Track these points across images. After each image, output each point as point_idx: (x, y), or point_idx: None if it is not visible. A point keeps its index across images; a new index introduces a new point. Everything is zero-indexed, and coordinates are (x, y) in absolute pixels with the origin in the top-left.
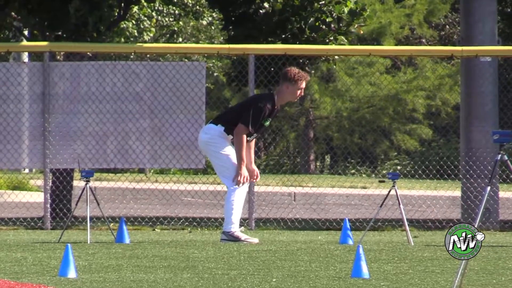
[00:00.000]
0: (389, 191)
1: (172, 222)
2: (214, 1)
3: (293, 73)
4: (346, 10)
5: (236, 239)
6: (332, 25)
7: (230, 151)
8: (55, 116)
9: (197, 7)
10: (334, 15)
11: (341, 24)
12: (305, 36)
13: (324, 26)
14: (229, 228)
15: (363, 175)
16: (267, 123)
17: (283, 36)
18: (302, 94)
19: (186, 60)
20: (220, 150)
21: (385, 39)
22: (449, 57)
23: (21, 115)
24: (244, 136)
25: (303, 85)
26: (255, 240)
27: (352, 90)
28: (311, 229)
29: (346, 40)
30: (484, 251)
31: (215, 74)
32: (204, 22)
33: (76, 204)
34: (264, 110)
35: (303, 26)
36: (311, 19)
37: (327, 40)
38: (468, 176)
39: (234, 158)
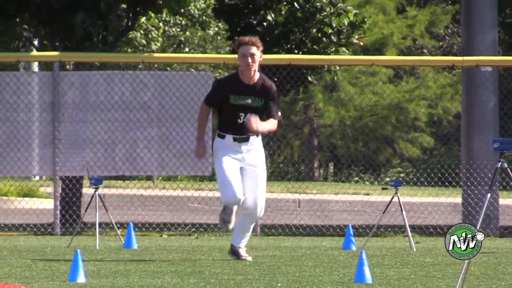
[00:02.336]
0: (392, 198)
1: (179, 228)
2: (220, 12)
3: (236, 41)
4: (346, 22)
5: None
6: (332, 37)
7: (219, 156)
8: (65, 125)
9: (204, 17)
10: (334, 26)
11: (341, 36)
12: (307, 48)
13: (324, 38)
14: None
15: (366, 182)
16: (241, 102)
17: (287, 47)
18: (250, 60)
19: (192, 70)
20: (215, 164)
21: (387, 49)
22: (450, 67)
23: (31, 123)
24: (203, 111)
25: (244, 50)
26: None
27: (355, 99)
28: (315, 235)
29: (347, 51)
30: (485, 257)
31: None
32: (211, 32)
33: (86, 211)
34: (215, 85)
35: (304, 39)
36: (313, 31)
37: (329, 52)
38: (469, 183)
39: (223, 168)
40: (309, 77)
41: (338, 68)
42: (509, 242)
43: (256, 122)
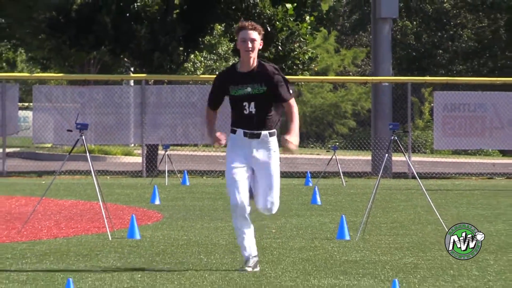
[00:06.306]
0: (332, 156)
1: (213, 173)
2: (237, 51)
3: (236, 26)
4: (306, 57)
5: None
6: (300, 66)
7: (228, 157)
8: (148, 115)
9: (226, 54)
10: (300, 59)
11: (304, 65)
12: (284, 73)
13: (295, 67)
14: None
15: (318, 148)
16: (241, 92)
17: None
18: (250, 45)
19: None
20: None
21: (329, 72)
22: (365, 82)
23: (129, 114)
24: (206, 113)
25: (244, 34)
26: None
27: (311, 101)
28: (289, 177)
29: (308, 74)
30: (384, 190)
31: None
32: (230, 63)
33: (160, 163)
34: (214, 82)
35: (283, 67)
36: (289, 62)
37: (298, 74)
38: (375, 148)
39: (228, 174)
40: None
41: (302, 83)
42: (397, 181)
43: (287, 142)
